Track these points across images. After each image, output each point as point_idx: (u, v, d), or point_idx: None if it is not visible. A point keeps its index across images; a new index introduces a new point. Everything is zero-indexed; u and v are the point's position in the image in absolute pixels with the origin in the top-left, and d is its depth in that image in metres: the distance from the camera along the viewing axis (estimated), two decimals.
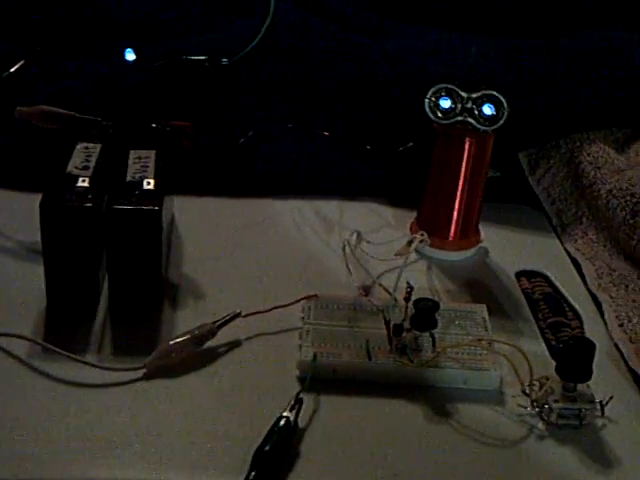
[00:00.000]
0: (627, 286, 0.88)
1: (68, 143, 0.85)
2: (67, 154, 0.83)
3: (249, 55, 1.10)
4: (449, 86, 0.87)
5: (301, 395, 0.71)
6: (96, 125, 0.87)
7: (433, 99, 0.87)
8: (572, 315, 0.85)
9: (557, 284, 0.89)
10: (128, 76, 1.06)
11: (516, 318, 0.84)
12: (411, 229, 0.93)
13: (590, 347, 0.72)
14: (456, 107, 0.87)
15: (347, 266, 0.86)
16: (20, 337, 0.76)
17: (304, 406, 0.70)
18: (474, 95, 0.86)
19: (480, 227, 0.94)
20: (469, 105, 0.86)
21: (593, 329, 0.83)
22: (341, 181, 1.01)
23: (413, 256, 0.91)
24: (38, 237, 0.78)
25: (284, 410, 0.69)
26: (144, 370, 0.74)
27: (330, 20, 1.17)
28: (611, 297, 0.86)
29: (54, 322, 0.79)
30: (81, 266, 0.79)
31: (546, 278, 0.90)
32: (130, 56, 1.05)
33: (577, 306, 0.86)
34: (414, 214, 0.95)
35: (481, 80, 0.88)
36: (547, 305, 0.86)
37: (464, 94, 0.86)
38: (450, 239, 0.92)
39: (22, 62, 1.09)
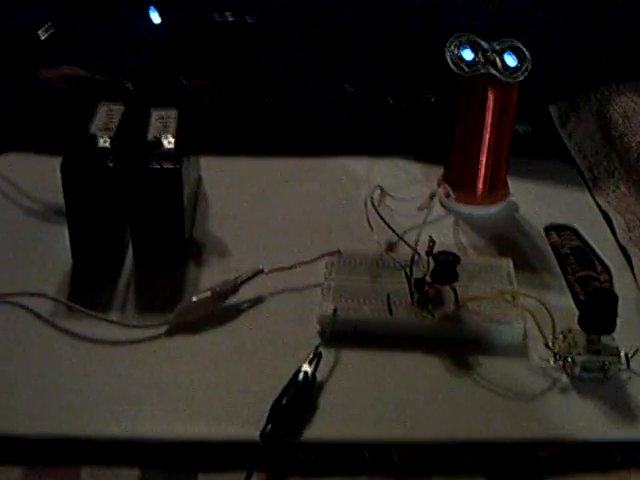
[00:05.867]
0: None
1: (90, 104, 0.85)
2: (90, 115, 0.83)
3: (276, 13, 1.09)
4: (470, 36, 0.85)
5: (320, 349, 0.71)
6: (118, 86, 0.88)
7: (455, 51, 0.86)
8: (601, 269, 0.84)
9: (587, 238, 0.88)
10: (153, 36, 1.06)
11: (544, 272, 0.84)
12: (438, 184, 0.92)
13: (612, 298, 0.71)
14: (479, 59, 0.86)
15: (369, 222, 0.85)
16: (44, 296, 0.77)
17: (324, 360, 0.71)
18: (496, 46, 0.85)
19: (510, 182, 0.93)
20: (492, 56, 0.85)
21: (622, 283, 0.82)
22: (367, 138, 1.01)
23: (440, 212, 0.90)
24: (62, 198, 0.79)
25: (303, 364, 0.69)
26: (167, 327, 0.75)
27: None
28: None
29: (79, 281, 0.80)
30: (104, 226, 0.80)
31: (575, 232, 0.89)
32: (156, 18, 1.05)
33: (606, 260, 0.85)
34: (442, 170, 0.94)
35: (503, 31, 0.86)
36: (576, 259, 0.85)
37: (485, 44, 0.85)
38: (478, 193, 0.91)
39: (53, 30, 1.09)
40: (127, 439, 0.65)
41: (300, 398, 0.67)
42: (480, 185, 0.91)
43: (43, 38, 1.07)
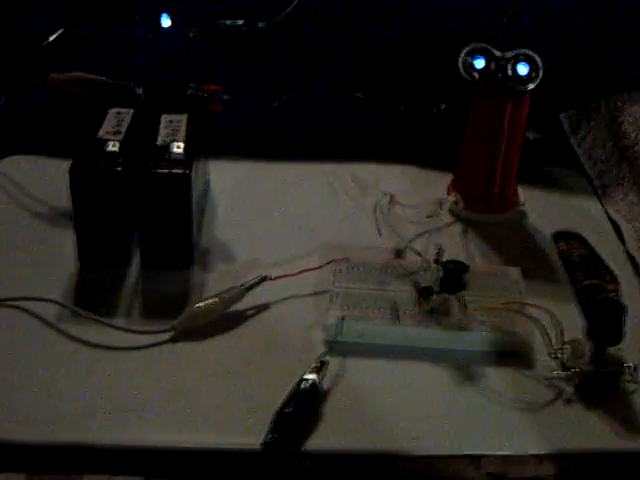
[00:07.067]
0: None
1: (101, 109, 0.85)
2: (99, 120, 0.83)
3: (286, 19, 1.09)
4: (483, 45, 0.85)
5: (326, 357, 0.70)
6: (127, 90, 0.88)
7: (467, 59, 0.86)
8: (609, 278, 0.83)
9: (595, 246, 0.87)
10: (164, 42, 1.06)
11: (551, 281, 0.83)
12: (448, 192, 0.92)
13: (619, 310, 0.70)
14: (490, 67, 0.85)
15: (377, 229, 0.85)
16: (49, 301, 0.77)
17: (330, 369, 0.70)
18: (508, 54, 0.85)
19: (519, 189, 0.93)
20: (504, 64, 0.85)
21: (630, 292, 0.81)
22: (377, 144, 1.00)
23: (449, 219, 0.90)
24: (69, 202, 0.79)
25: (308, 372, 0.69)
26: (171, 333, 0.74)
27: None
28: None
29: (85, 286, 0.80)
30: (111, 230, 0.80)
31: (583, 240, 0.88)
32: (166, 22, 1.05)
33: (615, 269, 0.84)
34: (451, 177, 0.93)
35: (516, 39, 0.86)
36: (584, 267, 0.84)
37: (498, 53, 0.85)
38: (487, 201, 0.90)
39: (61, 30, 1.09)
40: (130, 447, 0.65)
41: (305, 407, 0.67)
42: (490, 193, 0.90)
43: (51, 39, 1.07)
